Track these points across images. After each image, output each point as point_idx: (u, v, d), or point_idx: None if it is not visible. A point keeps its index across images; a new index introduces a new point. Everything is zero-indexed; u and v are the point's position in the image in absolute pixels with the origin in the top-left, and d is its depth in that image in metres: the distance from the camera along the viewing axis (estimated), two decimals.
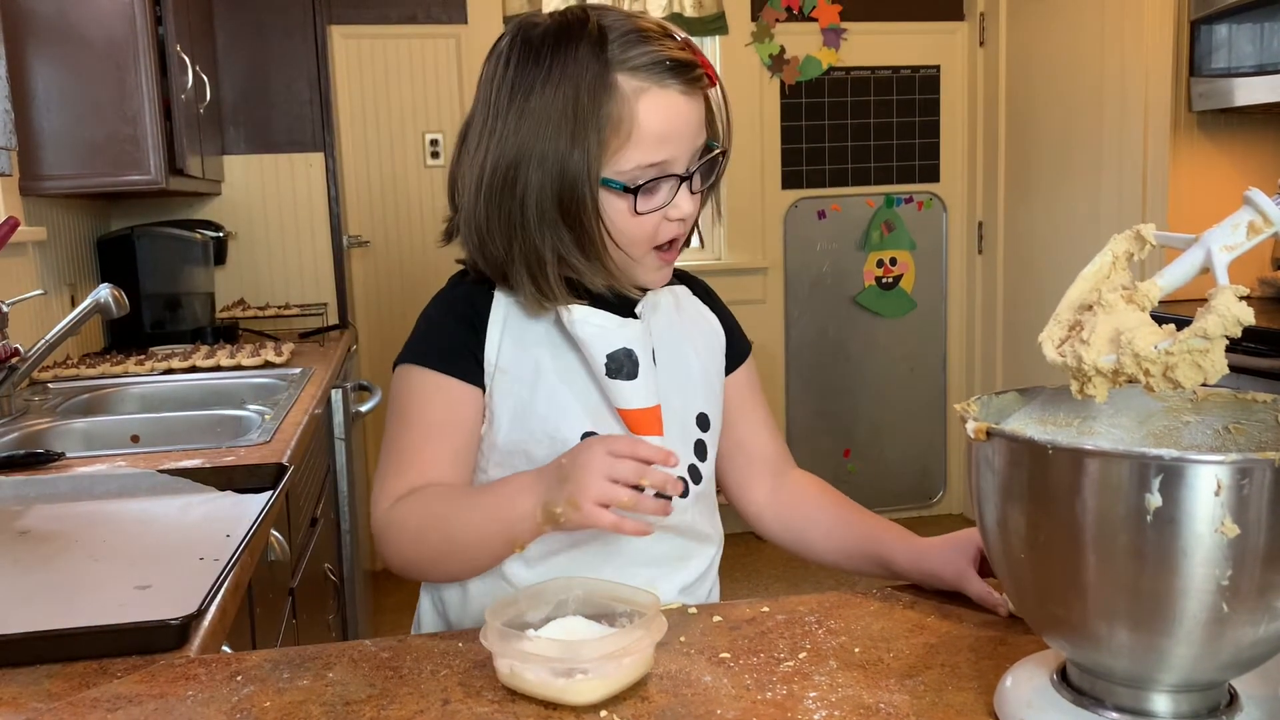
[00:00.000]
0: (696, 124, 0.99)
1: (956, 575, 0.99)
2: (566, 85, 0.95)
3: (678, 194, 0.99)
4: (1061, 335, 0.75)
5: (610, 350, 1.01)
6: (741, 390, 1.16)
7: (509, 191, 0.97)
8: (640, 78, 0.95)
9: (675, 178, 0.99)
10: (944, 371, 4.30)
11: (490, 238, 1.00)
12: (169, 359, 2.52)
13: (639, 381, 1.01)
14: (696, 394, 1.08)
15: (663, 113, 0.96)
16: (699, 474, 1.07)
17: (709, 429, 1.08)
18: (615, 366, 1.00)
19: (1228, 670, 0.71)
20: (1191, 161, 3.10)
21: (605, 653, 0.81)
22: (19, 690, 0.86)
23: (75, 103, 2.42)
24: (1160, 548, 0.64)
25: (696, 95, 0.98)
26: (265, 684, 0.86)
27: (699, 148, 1.00)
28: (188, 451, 1.66)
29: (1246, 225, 0.71)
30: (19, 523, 1.37)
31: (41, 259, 2.54)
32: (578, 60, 0.95)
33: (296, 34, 3.52)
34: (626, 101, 0.95)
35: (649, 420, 1.01)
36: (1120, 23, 3.26)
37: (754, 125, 3.99)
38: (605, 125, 0.95)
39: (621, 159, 0.96)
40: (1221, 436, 0.80)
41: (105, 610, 1.03)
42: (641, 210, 0.98)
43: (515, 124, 0.97)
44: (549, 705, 0.81)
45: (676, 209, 0.99)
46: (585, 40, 0.96)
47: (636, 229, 0.99)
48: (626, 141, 0.96)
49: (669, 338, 1.07)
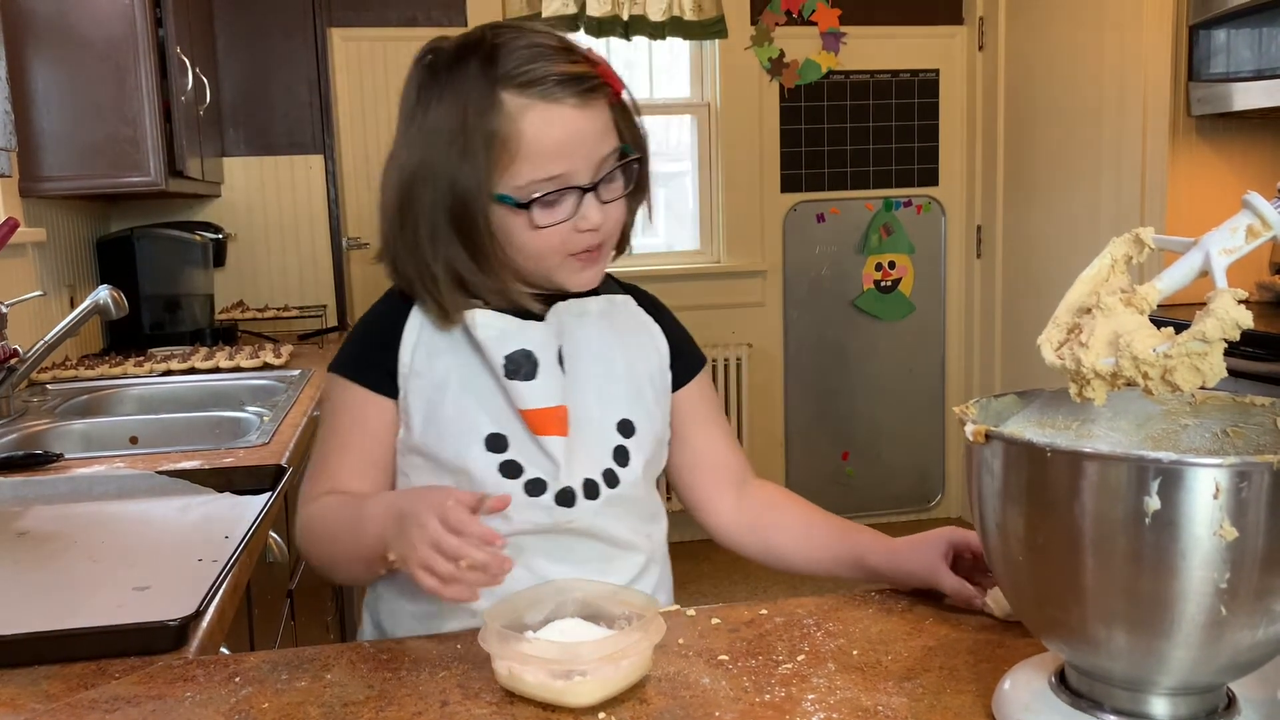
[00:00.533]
0: (594, 135, 1.00)
1: (929, 571, 1.00)
2: (455, 103, 0.98)
3: (583, 205, 1.01)
4: (1060, 338, 0.75)
5: (508, 352, 1.02)
6: (695, 404, 1.16)
7: (408, 210, 1.01)
8: (526, 94, 0.97)
9: (578, 190, 1.00)
10: (942, 375, 4.30)
11: (398, 255, 1.04)
12: (168, 360, 2.52)
13: (538, 382, 1.02)
14: (619, 400, 1.08)
15: (550, 127, 0.98)
16: (615, 478, 1.06)
17: (633, 435, 1.08)
18: (513, 368, 1.02)
19: (1226, 673, 0.71)
20: (1190, 166, 3.10)
21: (604, 654, 0.81)
22: (17, 691, 0.86)
23: (75, 104, 2.42)
24: (1159, 551, 0.64)
25: (593, 106, 1.00)
26: (264, 685, 0.86)
27: (604, 157, 1.01)
28: (186, 453, 1.66)
29: (1245, 229, 0.71)
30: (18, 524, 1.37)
31: (41, 260, 2.54)
32: (467, 78, 0.98)
33: (296, 36, 3.53)
34: (512, 118, 0.97)
35: (551, 420, 1.02)
36: (1119, 27, 3.27)
37: (753, 129, 3.99)
38: (493, 142, 0.97)
39: (514, 175, 0.98)
40: (1220, 440, 0.80)
41: (104, 611, 1.03)
42: (541, 224, 1.00)
43: (412, 144, 1.01)
44: (547, 707, 0.81)
45: (584, 220, 1.01)
46: (476, 58, 0.99)
47: (542, 242, 1.01)
48: (516, 157, 0.98)
49: (593, 343, 1.08)
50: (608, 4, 3.74)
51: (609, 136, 1.02)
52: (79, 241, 2.90)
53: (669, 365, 1.14)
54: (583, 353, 1.07)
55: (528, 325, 1.05)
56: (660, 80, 4.08)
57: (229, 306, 3.37)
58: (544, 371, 1.03)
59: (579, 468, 1.03)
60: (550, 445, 1.02)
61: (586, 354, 1.07)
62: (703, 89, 4.05)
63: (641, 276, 3.96)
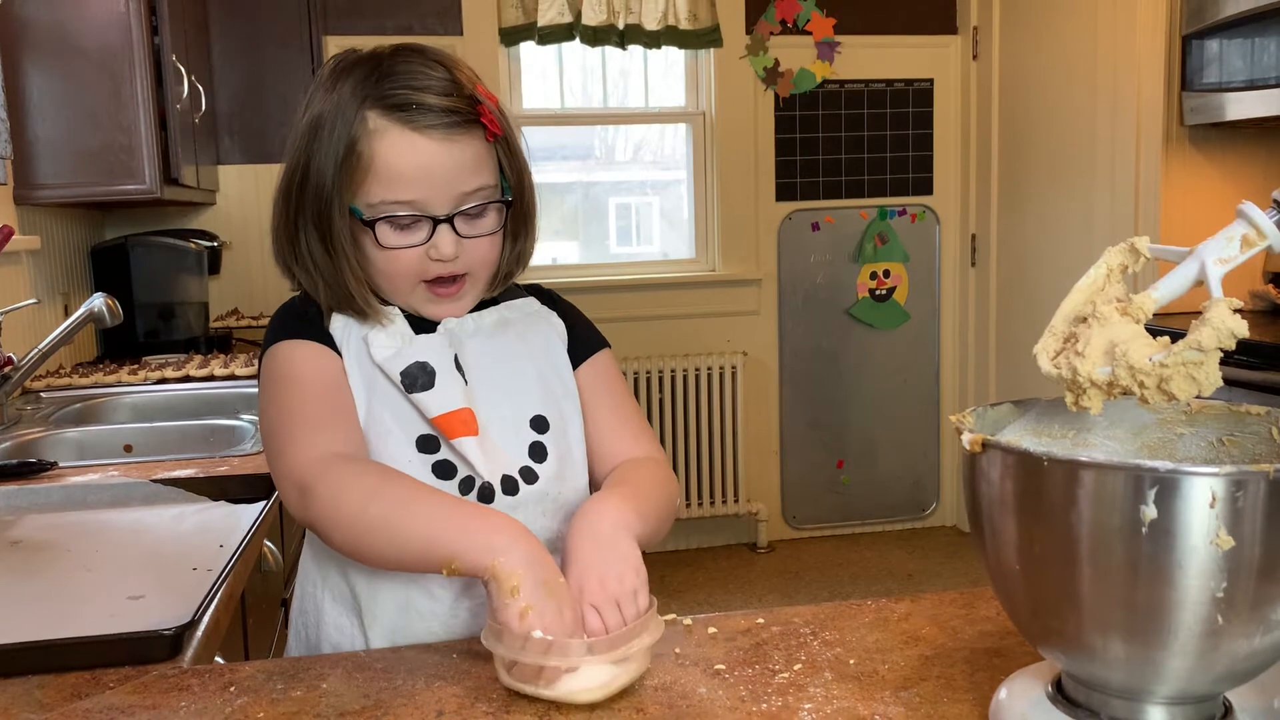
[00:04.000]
0: (453, 168, 1.01)
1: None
2: (330, 108, 1.01)
3: (436, 234, 1.02)
4: (1056, 347, 0.76)
5: (403, 368, 1.03)
6: (589, 386, 1.14)
7: (288, 215, 1.04)
8: (389, 117, 1.00)
9: (430, 219, 1.02)
10: (937, 384, 4.30)
11: (282, 244, 1.07)
12: (162, 368, 2.52)
13: (437, 390, 1.03)
14: (530, 398, 1.09)
15: (404, 153, 1.00)
16: (533, 475, 1.06)
17: (547, 430, 1.08)
18: (410, 381, 1.03)
19: (1223, 682, 0.71)
20: (1183, 175, 3.11)
21: (605, 652, 0.82)
22: (10, 700, 0.86)
23: (70, 112, 2.42)
24: (1155, 560, 0.64)
25: (459, 141, 1.01)
26: (258, 695, 0.86)
27: (466, 191, 1.02)
28: (181, 461, 1.65)
29: (1240, 238, 0.71)
30: (11, 532, 1.37)
31: (35, 268, 2.54)
32: (346, 87, 1.02)
33: (292, 44, 3.53)
34: (369, 136, 1.00)
35: (459, 422, 1.03)
36: (1112, 37, 3.28)
37: (748, 138, 4.00)
38: (350, 154, 1.00)
39: (366, 192, 1.01)
40: (1216, 449, 0.80)
41: (98, 620, 1.03)
42: (387, 245, 1.02)
43: (298, 134, 1.04)
44: (542, 717, 0.81)
45: (435, 249, 1.02)
46: (359, 73, 1.03)
47: (394, 263, 1.03)
48: (368, 175, 1.00)
49: (489, 346, 1.09)
50: (603, 13, 3.75)
51: (479, 173, 1.03)
52: (74, 249, 2.89)
53: (567, 349, 1.14)
54: (481, 357, 1.08)
55: (419, 339, 1.06)
56: (655, 89, 4.09)
57: (224, 314, 3.36)
58: (441, 378, 1.04)
59: (496, 465, 1.04)
60: (464, 446, 1.02)
61: (485, 357, 1.08)
62: (698, 98, 4.06)
63: (636, 285, 3.98)
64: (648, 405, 3.95)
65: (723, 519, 4.12)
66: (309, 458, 0.96)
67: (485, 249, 1.06)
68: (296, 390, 1.02)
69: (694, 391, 4.00)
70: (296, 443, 0.98)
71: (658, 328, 3.99)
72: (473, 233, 1.04)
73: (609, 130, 4.24)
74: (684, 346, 4.02)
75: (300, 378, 1.03)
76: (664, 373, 3.96)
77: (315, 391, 1.02)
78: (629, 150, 4.31)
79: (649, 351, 3.96)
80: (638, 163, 4.33)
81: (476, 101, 1.03)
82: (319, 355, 1.04)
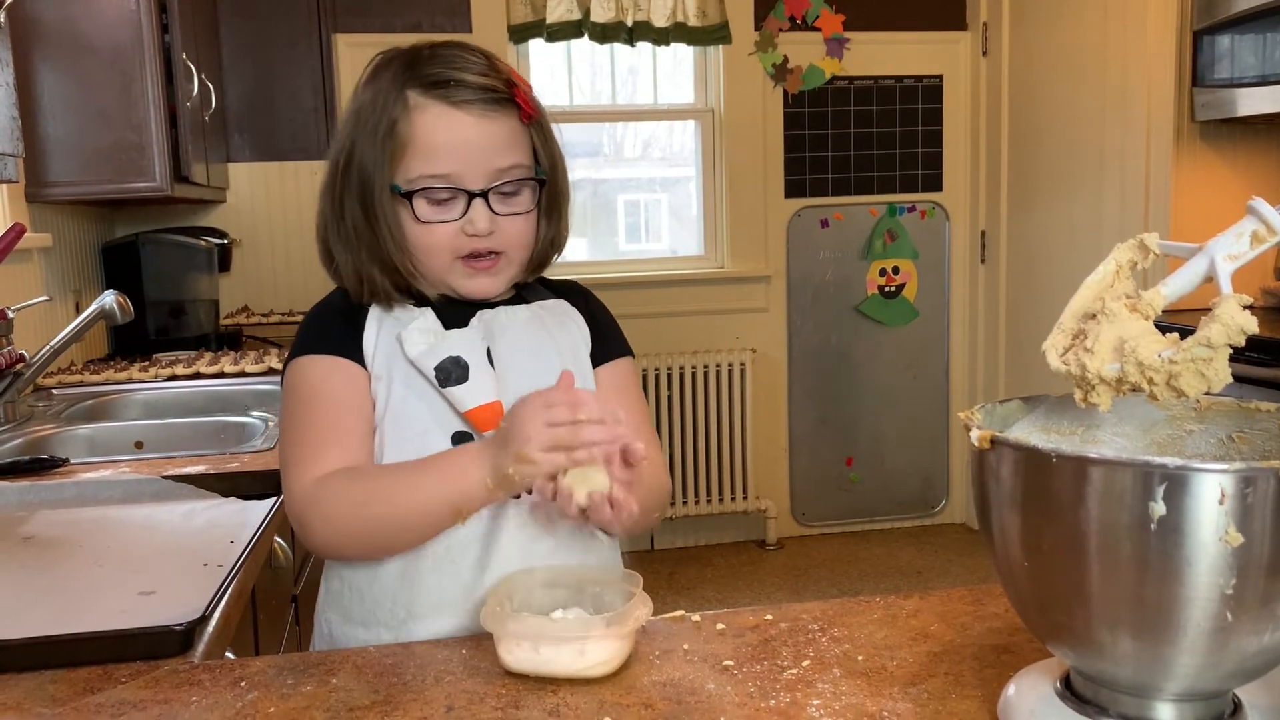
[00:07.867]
0: (489, 144, 1.04)
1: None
2: (370, 96, 1.06)
3: (472, 209, 1.04)
4: (1065, 344, 0.75)
5: (437, 362, 1.05)
6: (604, 389, 1.15)
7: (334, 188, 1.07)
8: (428, 94, 1.04)
9: (467, 193, 1.04)
10: (946, 380, 4.29)
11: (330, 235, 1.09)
12: (173, 365, 2.53)
13: (471, 383, 1.05)
14: None
15: (441, 127, 1.04)
16: None
17: None
18: (444, 375, 1.05)
19: (1232, 679, 0.71)
20: (1194, 171, 3.10)
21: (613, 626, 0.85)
22: (23, 695, 0.87)
23: (81, 110, 2.43)
24: (1164, 556, 0.64)
25: (495, 119, 1.04)
26: (269, 690, 0.86)
27: (502, 168, 1.05)
28: (191, 458, 1.66)
29: (1250, 234, 0.71)
30: (23, 529, 1.37)
31: (47, 265, 2.55)
32: (384, 78, 1.06)
33: (301, 42, 3.54)
34: (410, 114, 1.04)
35: (491, 416, 1.04)
36: (1123, 33, 3.27)
37: (757, 134, 4.00)
38: (392, 132, 1.04)
39: (406, 168, 1.04)
40: (1225, 445, 0.80)
41: (109, 616, 1.03)
42: (424, 219, 1.05)
43: (344, 126, 1.08)
44: (552, 710, 0.81)
45: (470, 224, 1.05)
46: (399, 62, 1.06)
47: (429, 237, 1.05)
48: (407, 151, 1.04)
49: (521, 340, 1.10)
50: (612, 10, 3.74)
51: (513, 151, 1.06)
52: (84, 247, 2.90)
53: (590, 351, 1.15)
54: (513, 350, 1.09)
55: (452, 333, 1.07)
56: (664, 86, 4.09)
57: (234, 312, 3.37)
58: (475, 372, 1.05)
59: None
60: None
61: (517, 351, 1.09)
62: (707, 94, 4.06)
63: (645, 282, 3.98)
64: (656, 402, 3.96)
65: (731, 516, 4.12)
66: (301, 485, 1.02)
67: (520, 227, 1.08)
68: (305, 410, 1.06)
69: (703, 388, 4.00)
70: (295, 466, 1.03)
71: (666, 325, 3.99)
72: (507, 210, 1.07)
73: (618, 127, 4.24)
74: (693, 343, 4.02)
75: (312, 396, 1.06)
76: (673, 370, 3.96)
77: (324, 409, 1.05)
78: (638, 147, 4.31)
79: (658, 349, 3.96)
80: (646, 160, 4.33)
81: (512, 84, 1.06)
82: (335, 371, 1.06)
